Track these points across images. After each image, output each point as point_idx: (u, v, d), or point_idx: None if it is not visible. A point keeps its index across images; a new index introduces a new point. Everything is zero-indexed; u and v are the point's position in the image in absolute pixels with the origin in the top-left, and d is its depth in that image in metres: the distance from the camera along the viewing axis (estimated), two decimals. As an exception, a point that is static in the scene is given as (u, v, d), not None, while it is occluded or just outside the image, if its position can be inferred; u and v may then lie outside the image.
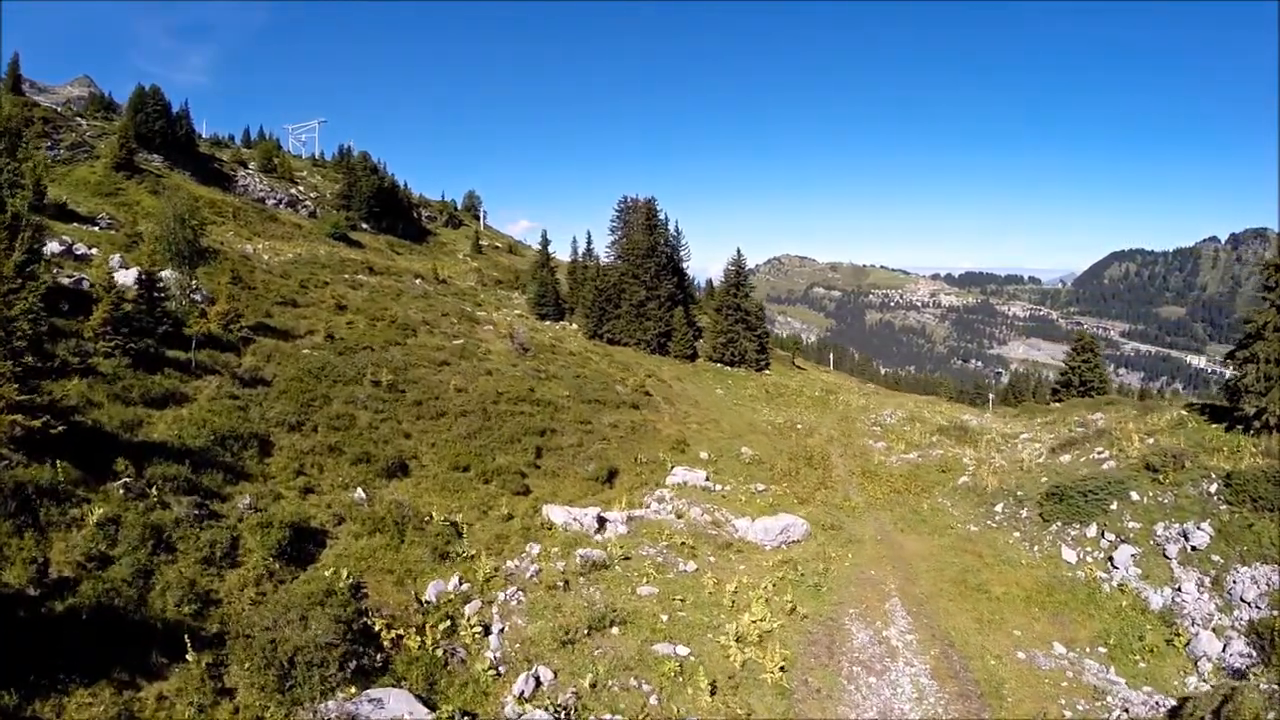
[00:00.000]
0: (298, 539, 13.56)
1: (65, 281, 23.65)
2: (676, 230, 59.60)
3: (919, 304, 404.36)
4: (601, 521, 18.32)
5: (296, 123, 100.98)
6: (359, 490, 16.59)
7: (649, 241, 54.81)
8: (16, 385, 11.65)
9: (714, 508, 21.79)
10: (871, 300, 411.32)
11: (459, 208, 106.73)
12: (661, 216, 57.68)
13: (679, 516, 20.36)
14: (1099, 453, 29.67)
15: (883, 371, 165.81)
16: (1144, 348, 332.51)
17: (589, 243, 64.43)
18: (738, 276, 57.70)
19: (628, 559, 16.65)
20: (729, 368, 55.95)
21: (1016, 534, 22.83)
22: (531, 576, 14.96)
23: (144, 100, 63.33)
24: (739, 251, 57.74)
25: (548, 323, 57.64)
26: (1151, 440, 27.70)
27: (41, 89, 65.57)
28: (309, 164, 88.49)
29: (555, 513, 18.09)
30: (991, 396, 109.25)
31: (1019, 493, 25.64)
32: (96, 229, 40.17)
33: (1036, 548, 21.48)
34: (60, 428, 12.18)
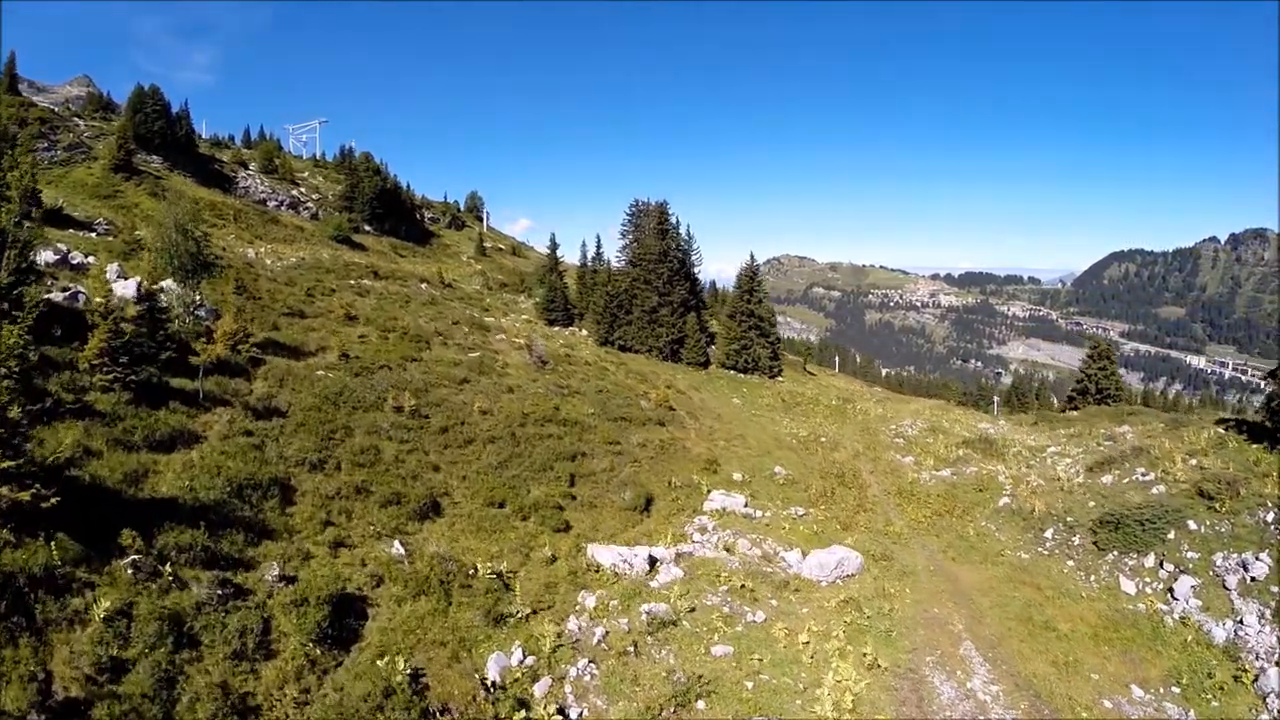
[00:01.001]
0: (337, 612, 11.96)
1: (59, 297, 22.14)
2: (688, 235, 58.42)
3: (918, 304, 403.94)
4: (652, 562, 17.41)
5: (297, 123, 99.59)
6: (396, 544, 15.20)
7: (661, 246, 53.55)
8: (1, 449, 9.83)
9: (760, 538, 20.94)
10: (871, 300, 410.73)
11: (461, 209, 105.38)
12: (673, 220, 56.45)
13: (728, 551, 19.50)
14: (1141, 474, 29.20)
15: (884, 372, 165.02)
16: (1143, 348, 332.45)
17: (598, 247, 63.12)
18: (751, 282, 56.50)
19: (693, 610, 15.78)
20: (742, 375, 54.76)
21: (1070, 563, 22.32)
22: (599, 642, 13.89)
23: (143, 100, 61.87)
24: (752, 257, 56.61)
25: (557, 328, 56.39)
26: (1194, 461, 27.29)
27: (39, 88, 64.01)
28: (310, 165, 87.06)
29: (601, 553, 17.11)
30: (996, 399, 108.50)
31: (1069, 518, 25.16)
32: (94, 235, 38.77)
33: (1093, 578, 21.07)
34: (54, 500, 10.24)
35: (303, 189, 76.20)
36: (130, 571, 10.88)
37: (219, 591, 11.22)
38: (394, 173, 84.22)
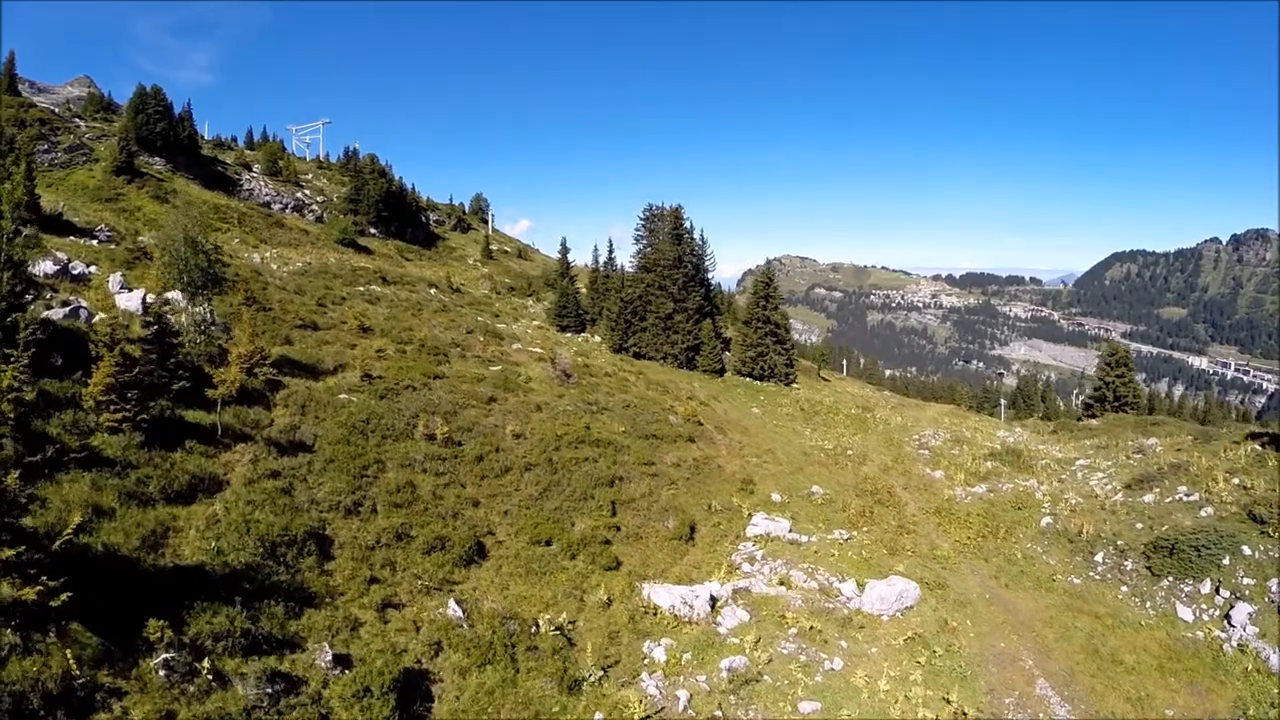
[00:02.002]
0: (401, 696, 10.52)
1: (59, 315, 20.72)
2: (702, 239, 57.25)
3: (920, 304, 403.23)
4: (712, 602, 16.76)
5: (298, 123, 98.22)
6: (451, 603, 13.91)
7: (676, 252, 52.41)
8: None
9: (812, 567, 20.48)
10: (873, 301, 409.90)
11: (466, 211, 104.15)
12: (686, 224, 55.33)
13: (784, 584, 19.02)
14: (1185, 494, 29.29)
15: (887, 373, 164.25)
16: (1145, 349, 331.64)
17: (610, 251, 61.98)
18: (767, 288, 55.36)
19: (770, 661, 15.19)
20: (758, 382, 53.70)
21: (1124, 588, 22.08)
22: (684, 708, 12.91)
23: (145, 101, 60.59)
24: (767, 262, 55.48)
25: (569, 334, 55.26)
26: (1236, 481, 27.25)
27: (40, 89, 62.74)
28: (314, 166, 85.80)
29: (659, 594, 16.42)
30: (1003, 401, 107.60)
31: (1119, 542, 24.81)
32: (95, 242, 37.49)
33: (1149, 604, 20.88)
34: (65, 596, 8.28)
35: (307, 191, 75.00)
36: (163, 673, 9.25)
37: (268, 690, 9.69)
38: (399, 175, 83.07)
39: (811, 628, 16.76)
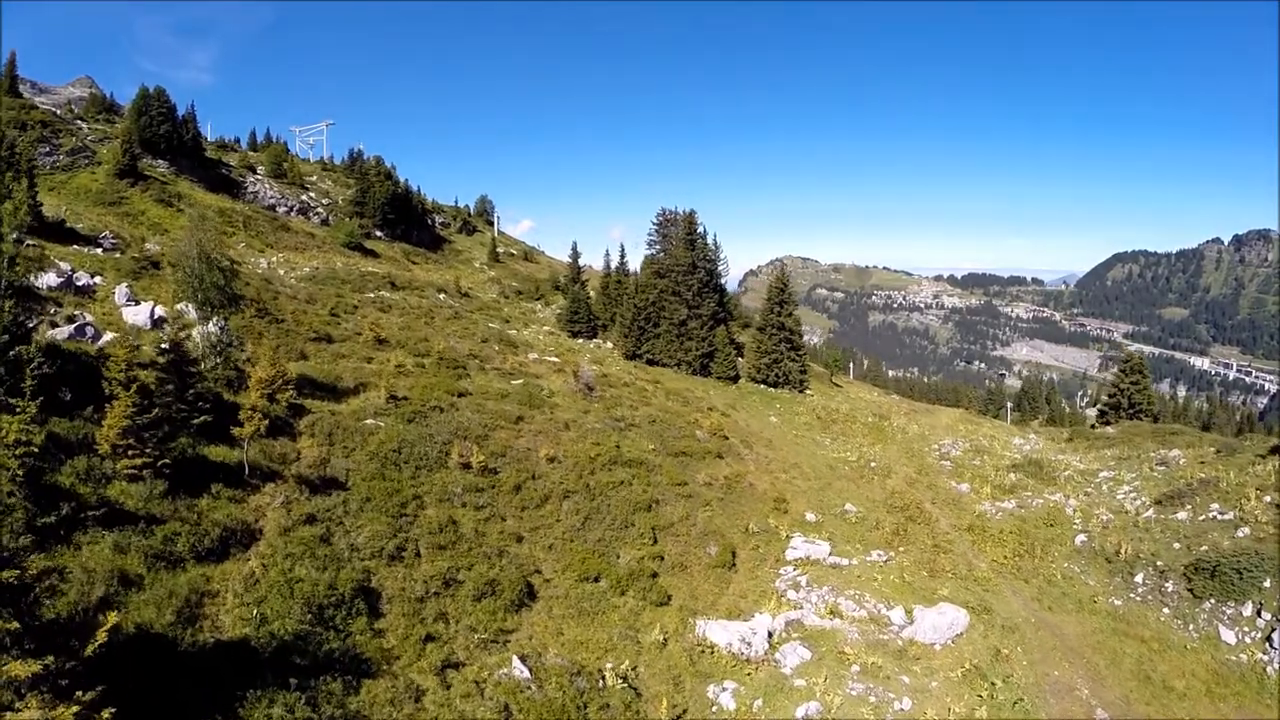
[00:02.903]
0: None
1: (64, 334, 19.70)
2: (715, 244, 56.46)
3: (922, 305, 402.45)
4: (768, 635, 16.56)
5: (302, 124, 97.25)
6: (515, 661, 13.04)
7: (690, 257, 51.57)
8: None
9: (858, 594, 20.22)
10: (874, 302, 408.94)
11: (471, 213, 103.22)
12: (700, 229, 54.50)
13: (834, 614, 18.76)
14: (1218, 512, 28.59)
15: (889, 374, 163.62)
16: (1147, 349, 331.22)
17: (622, 256, 61.11)
18: (782, 293, 54.43)
19: (840, 704, 14.89)
20: (773, 389, 52.86)
21: (1166, 610, 22.12)
22: None
23: (148, 102, 59.62)
24: (783, 268, 54.59)
25: (580, 340, 54.42)
26: (1269, 499, 27.10)
27: (40, 89, 61.75)
28: (318, 168, 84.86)
29: (714, 631, 16.21)
30: (1009, 404, 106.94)
31: (1159, 562, 24.73)
32: (99, 251, 36.52)
33: (1192, 627, 20.99)
34: (107, 714, 6.60)
35: (312, 193, 74.10)
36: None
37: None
38: (403, 176, 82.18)
39: (872, 663, 16.39)
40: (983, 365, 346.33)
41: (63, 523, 10.06)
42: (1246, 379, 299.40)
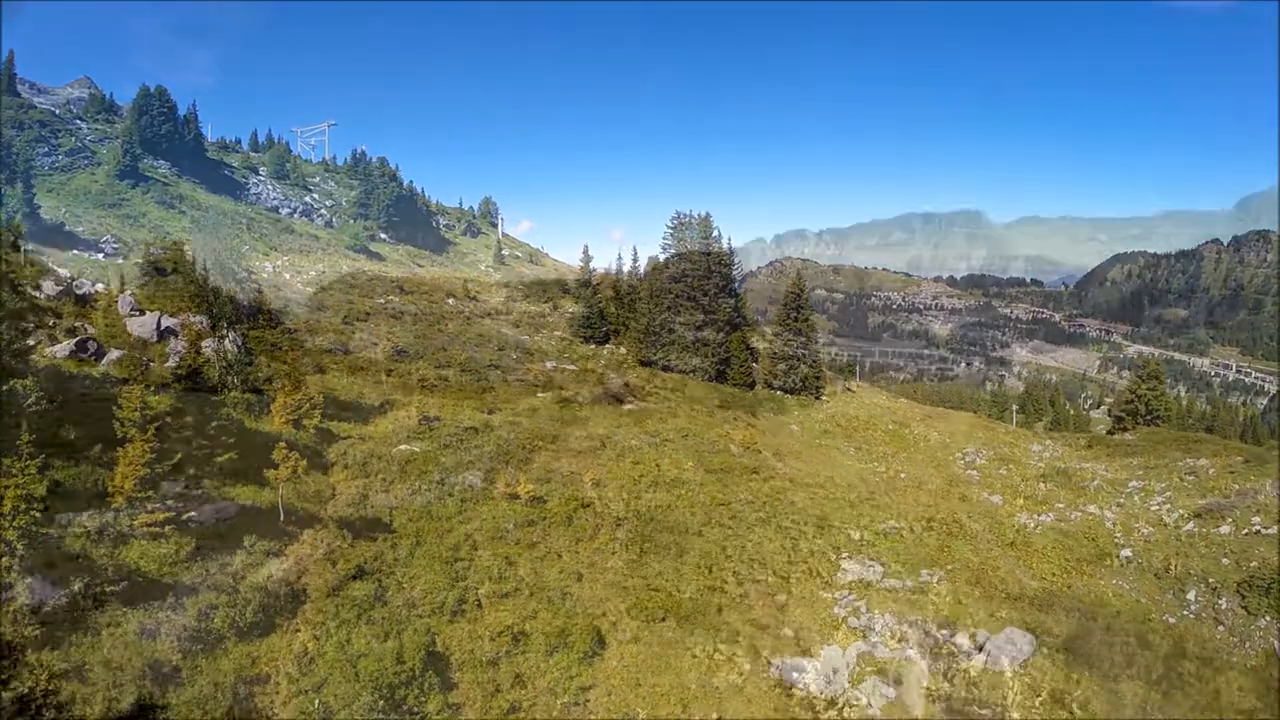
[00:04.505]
0: None
1: (63, 351, 18.42)
2: (729, 248, 55.39)
3: (921, 306, 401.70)
4: (845, 670, 16.01)
5: (304, 125, 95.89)
6: None
7: (706, 262, 50.54)
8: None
9: (919, 619, 19.76)
10: (874, 303, 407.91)
11: (476, 215, 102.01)
12: (715, 233, 53.50)
13: (898, 640, 18.33)
14: (1260, 525, 27.79)
15: (892, 374, 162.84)
16: (1147, 350, 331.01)
17: (635, 260, 59.99)
18: (798, 299, 53.51)
19: None
20: (789, 396, 51.89)
21: (1221, 627, 22.12)
22: None
23: (149, 102, 58.27)
24: (798, 274, 53.53)
25: (593, 346, 53.31)
26: None
27: (40, 90, 60.31)
28: (321, 169, 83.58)
29: (790, 670, 15.71)
30: (1015, 406, 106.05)
31: (1210, 579, 24.56)
32: (100, 256, 35.29)
33: (1249, 644, 21.03)
34: None
35: (315, 195, 72.87)
36: None
37: None
38: (407, 178, 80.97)
39: (954, 697, 16.01)
40: (983, 366, 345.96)
41: (79, 599, 8.52)
42: (1246, 379, 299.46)
